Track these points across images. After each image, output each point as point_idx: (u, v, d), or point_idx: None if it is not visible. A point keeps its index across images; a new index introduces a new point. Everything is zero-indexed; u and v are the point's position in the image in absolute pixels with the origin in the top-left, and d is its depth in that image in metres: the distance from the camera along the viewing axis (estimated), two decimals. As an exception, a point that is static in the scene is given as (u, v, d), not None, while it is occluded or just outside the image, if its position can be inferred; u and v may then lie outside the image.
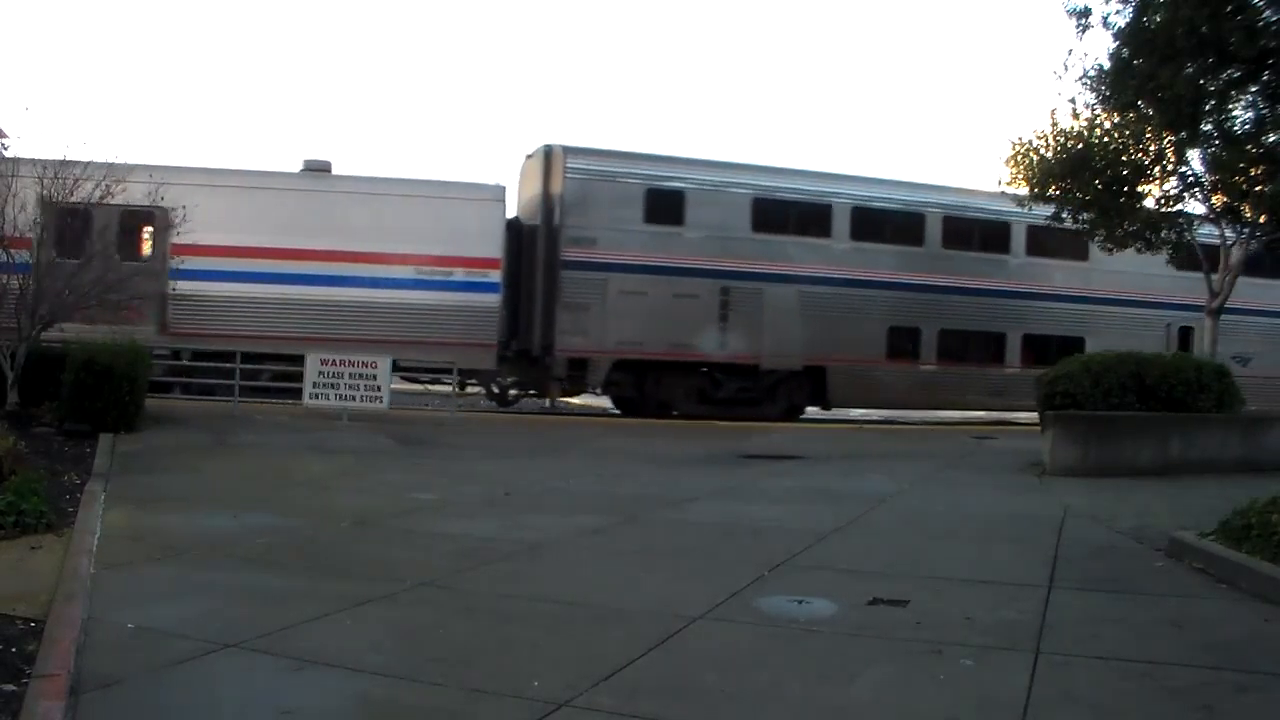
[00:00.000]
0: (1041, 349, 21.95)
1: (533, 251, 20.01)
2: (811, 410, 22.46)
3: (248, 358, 16.57)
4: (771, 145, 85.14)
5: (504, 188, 19.67)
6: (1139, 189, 19.01)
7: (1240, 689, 4.61)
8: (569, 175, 19.46)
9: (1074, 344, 22.11)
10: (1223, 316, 21.50)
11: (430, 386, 20.11)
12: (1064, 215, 19.46)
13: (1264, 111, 13.16)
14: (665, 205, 19.96)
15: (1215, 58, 11.57)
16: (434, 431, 15.47)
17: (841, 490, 10.88)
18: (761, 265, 20.40)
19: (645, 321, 19.60)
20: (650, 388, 19.89)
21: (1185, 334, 23.34)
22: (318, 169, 18.93)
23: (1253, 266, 23.00)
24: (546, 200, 19.74)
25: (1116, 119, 17.73)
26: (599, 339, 19.46)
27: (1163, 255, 21.94)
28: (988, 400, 22.32)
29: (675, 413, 19.82)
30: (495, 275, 18.96)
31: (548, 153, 19.88)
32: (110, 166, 14.17)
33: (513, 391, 21.22)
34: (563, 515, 8.92)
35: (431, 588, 6.19)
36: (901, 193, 22.06)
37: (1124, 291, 22.94)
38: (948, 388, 21.80)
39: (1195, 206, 19.12)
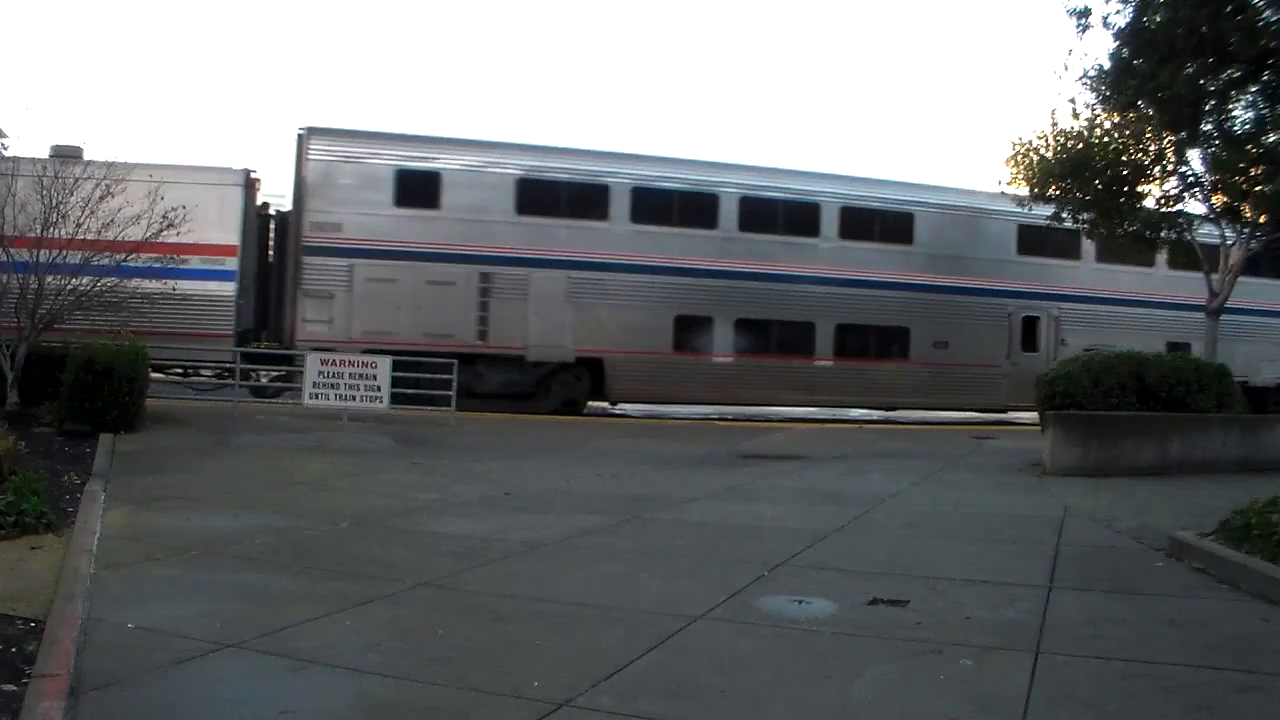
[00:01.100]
0: (858, 340, 21.28)
1: (284, 238, 19.27)
2: (599, 405, 21.63)
3: None
4: (758, 146, 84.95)
5: (248, 172, 18.73)
6: (1139, 189, 19.03)
7: (1240, 689, 4.61)
8: (311, 158, 18.54)
9: (896, 335, 21.51)
10: (1083, 305, 21.63)
11: (188, 378, 19.01)
12: (1064, 215, 19.48)
13: (1264, 111, 13.17)
14: (419, 187, 18.96)
15: (1215, 58, 11.58)
16: (434, 432, 15.47)
17: (841, 490, 10.88)
18: (527, 250, 19.34)
19: (396, 310, 18.60)
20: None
21: (1030, 323, 22.48)
22: (68, 154, 16.68)
23: (1105, 253, 22.43)
24: (296, 185, 18.96)
25: (1116, 119, 17.76)
26: (344, 328, 18.42)
27: (1007, 234, 21.73)
28: (795, 395, 21.24)
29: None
30: (232, 263, 17.91)
31: (299, 135, 18.97)
32: None
33: (274, 384, 19.63)
34: (562, 515, 8.92)
35: (431, 588, 6.19)
36: (692, 172, 20.85)
37: (957, 277, 21.80)
38: (747, 381, 20.48)
39: (1195, 206, 19.13)
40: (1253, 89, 12.59)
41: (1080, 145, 18.71)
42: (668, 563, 7.17)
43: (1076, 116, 18.60)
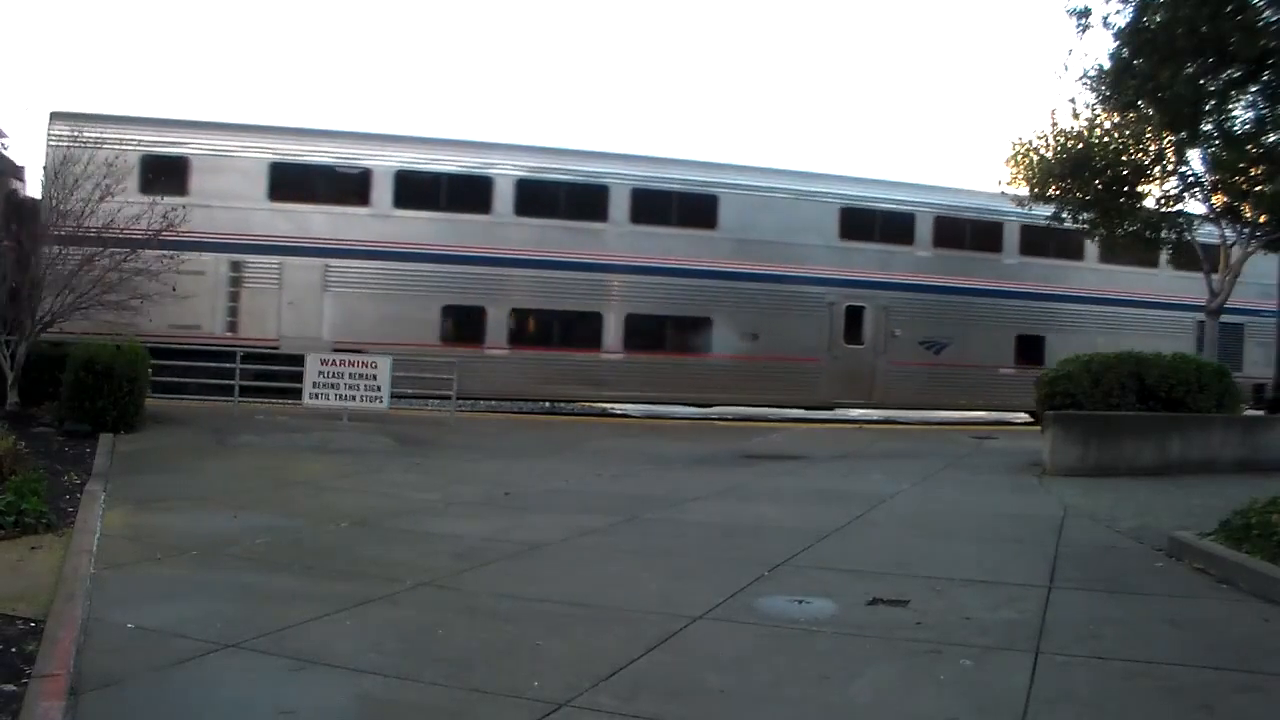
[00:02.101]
0: (652, 331, 20.01)
1: (34, 227, 17.22)
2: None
3: None
4: (753, 146, 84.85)
5: None
6: (1139, 189, 19.05)
7: (1240, 689, 4.61)
8: (51, 143, 16.98)
9: (697, 326, 20.27)
10: (917, 295, 20.86)
11: None
12: (1064, 215, 19.49)
13: (1264, 111, 13.17)
14: (165, 173, 17.72)
15: (1215, 58, 11.58)
16: (434, 431, 15.47)
17: (841, 490, 10.88)
18: (280, 237, 18.30)
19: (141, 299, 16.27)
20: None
21: (855, 314, 21.06)
22: None
23: (944, 239, 21.61)
24: (43, 172, 16.90)
25: (1116, 119, 17.78)
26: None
27: (828, 218, 20.57)
28: (580, 390, 20.07)
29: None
30: None
31: (48, 119, 17.56)
32: None
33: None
34: (563, 515, 8.92)
35: (431, 588, 6.19)
36: (463, 154, 19.67)
37: (766, 265, 20.40)
38: (524, 375, 19.25)
39: (1195, 206, 19.14)
40: (1253, 89, 12.58)
41: (1080, 145, 18.73)
42: (668, 563, 7.17)
43: (1076, 116, 18.64)
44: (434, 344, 18.72)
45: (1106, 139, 18.66)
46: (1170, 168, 18.72)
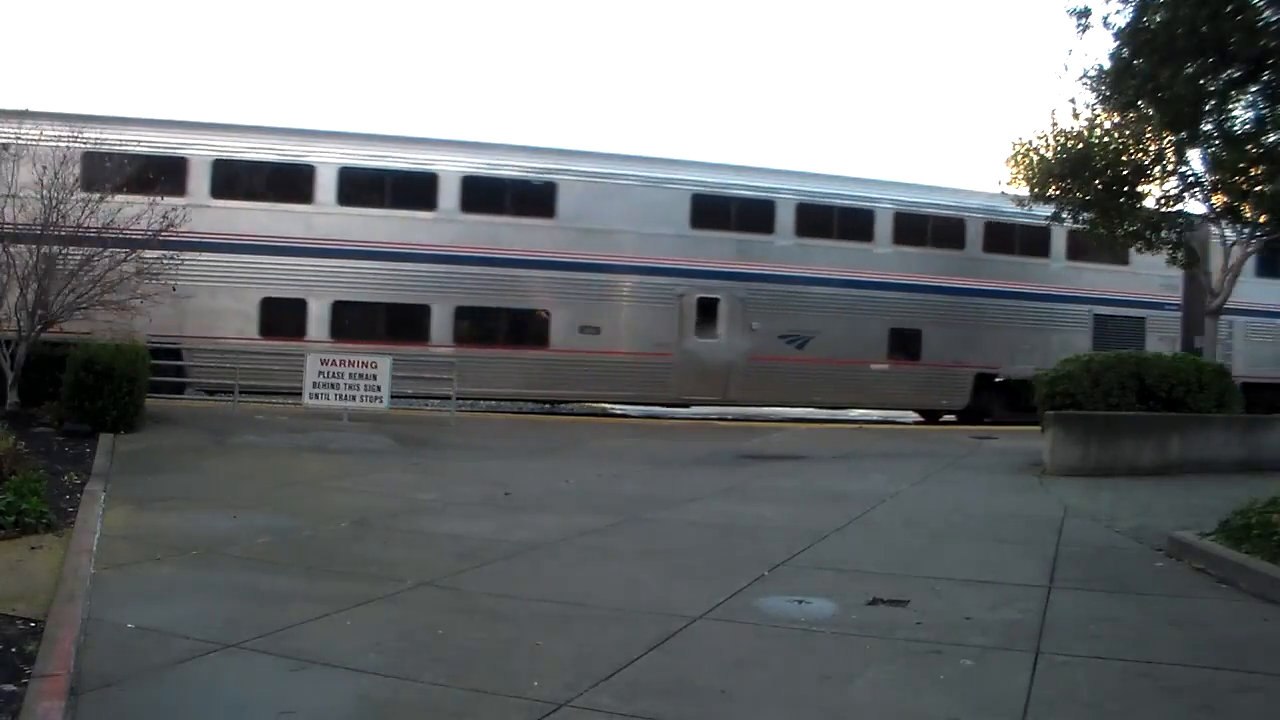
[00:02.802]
0: (484, 324, 19.11)
1: None
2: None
3: None
4: (754, 147, 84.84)
5: None
6: (1139, 189, 19.05)
7: (1240, 689, 4.61)
8: None
9: (532, 319, 19.45)
10: (777, 286, 19.94)
11: None
12: (1064, 215, 19.50)
13: (1264, 111, 13.18)
14: None
15: (1215, 58, 11.58)
16: (434, 431, 15.47)
17: (841, 490, 10.88)
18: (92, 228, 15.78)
19: None
20: None
21: (708, 306, 19.91)
22: None
23: (806, 227, 20.50)
24: None
25: (1116, 119, 17.78)
26: None
27: (678, 206, 19.56)
28: (408, 385, 18.36)
29: None
30: None
31: None
32: None
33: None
34: (563, 515, 8.92)
35: (431, 588, 6.19)
36: (283, 142, 18.46)
37: (608, 254, 19.40)
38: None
39: (1195, 206, 19.14)
40: (1253, 89, 12.59)
41: (1080, 145, 18.74)
42: (668, 562, 7.17)
43: (1076, 116, 18.64)
44: (252, 338, 17.84)
45: (1106, 139, 18.67)
46: (1170, 168, 18.72)
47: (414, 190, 18.90)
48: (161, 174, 16.85)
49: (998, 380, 21.60)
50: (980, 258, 21.72)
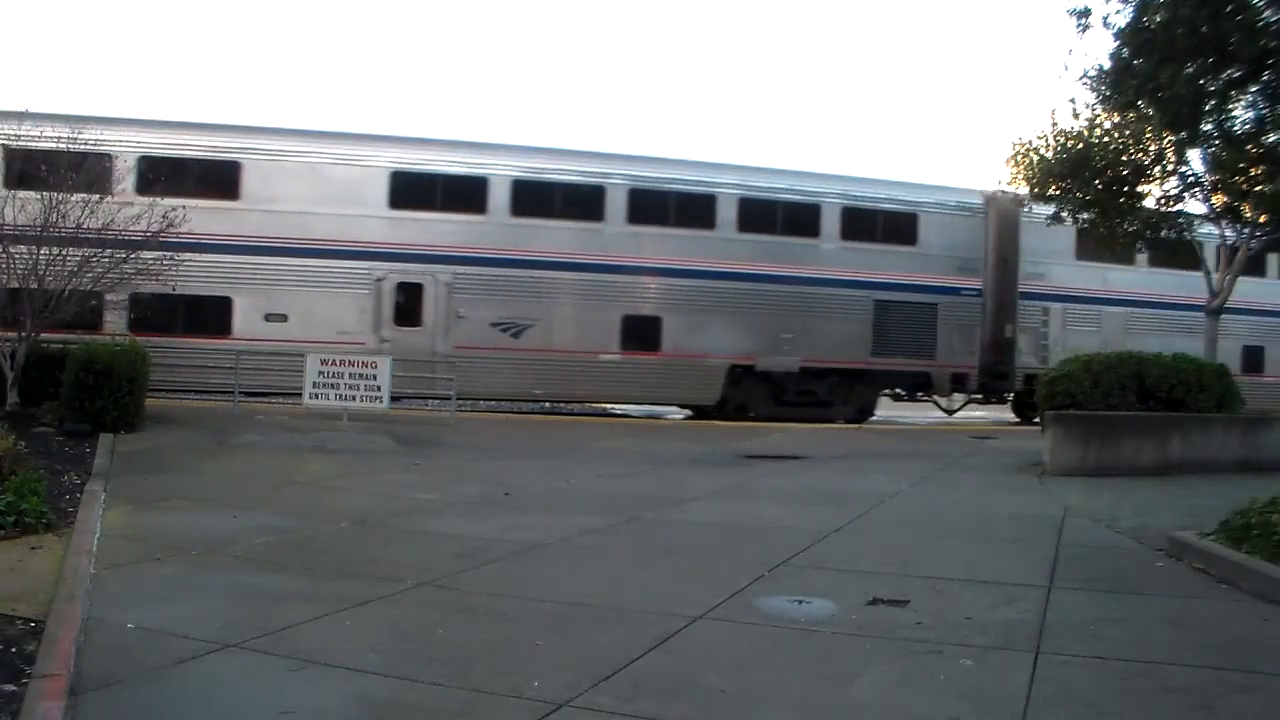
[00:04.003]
0: (159, 313, 16.98)
1: None
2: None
3: None
4: (755, 148, 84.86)
5: None
6: (1139, 189, 19.06)
7: (1240, 689, 4.60)
8: None
9: (213, 307, 17.73)
10: (489, 269, 18.45)
11: None
12: (1064, 214, 19.51)
13: (1264, 111, 13.16)
14: None
15: (1215, 58, 11.57)
16: (434, 431, 15.46)
17: (841, 490, 10.88)
18: None
19: None
20: None
21: (411, 292, 18.51)
22: None
23: (524, 205, 18.87)
24: None
25: (1116, 119, 17.80)
26: None
27: (374, 184, 17.88)
28: None
29: None
30: None
31: None
32: None
33: None
34: (563, 515, 8.92)
35: (431, 588, 6.19)
36: None
37: (294, 237, 17.76)
38: None
39: (1195, 206, 19.15)
40: (1253, 89, 12.58)
41: (1080, 145, 18.77)
42: (668, 562, 7.17)
43: (1076, 116, 18.68)
44: None
45: (1106, 139, 18.70)
46: (1170, 168, 18.75)
47: (91, 172, 15.64)
48: None
49: (757, 372, 20.08)
50: (735, 238, 20.06)
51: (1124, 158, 18.72)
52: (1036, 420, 22.70)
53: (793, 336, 20.18)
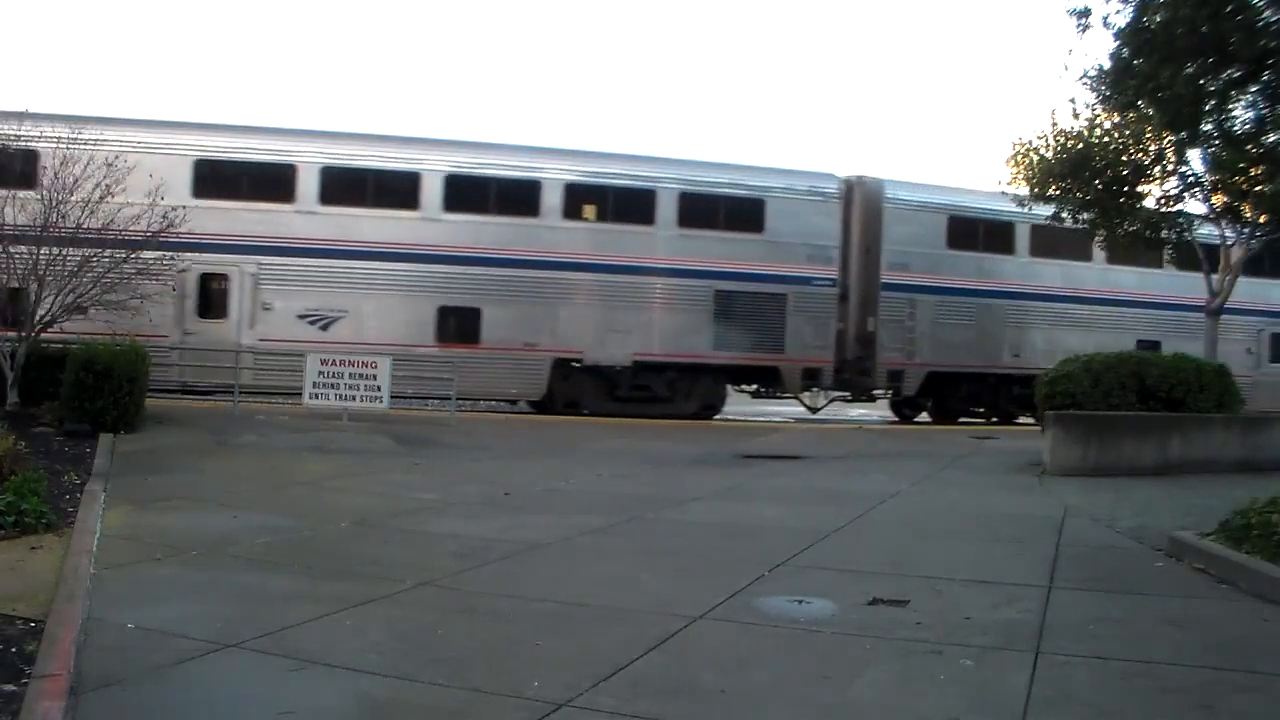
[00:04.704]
0: None
1: None
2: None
3: None
4: (765, 149, 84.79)
5: None
6: (1139, 189, 19.04)
7: (1240, 689, 4.60)
8: None
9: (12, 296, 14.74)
10: (298, 260, 17.76)
11: None
12: (1064, 215, 19.49)
13: (1264, 111, 13.16)
14: None
15: (1215, 58, 11.57)
16: (434, 431, 15.46)
17: (841, 490, 10.87)
18: None
19: None
20: None
21: (215, 283, 17.73)
22: None
23: (337, 195, 18.10)
24: None
25: (1116, 119, 17.77)
26: None
27: (176, 173, 16.50)
28: None
29: None
30: None
31: None
32: None
33: None
34: (563, 515, 8.92)
35: (431, 588, 6.19)
36: None
37: (96, 229, 15.36)
38: None
39: (1195, 206, 19.14)
40: (1253, 89, 12.58)
41: (1080, 145, 18.74)
42: (668, 562, 7.17)
43: (1076, 116, 18.65)
44: None
45: (1106, 139, 18.67)
46: (1170, 168, 18.72)
47: None
48: None
49: (586, 366, 19.35)
50: (560, 226, 19.32)
51: (1124, 158, 18.69)
52: (919, 420, 22.01)
53: (625, 329, 19.39)
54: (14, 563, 6.25)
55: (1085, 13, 13.37)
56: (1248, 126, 13.93)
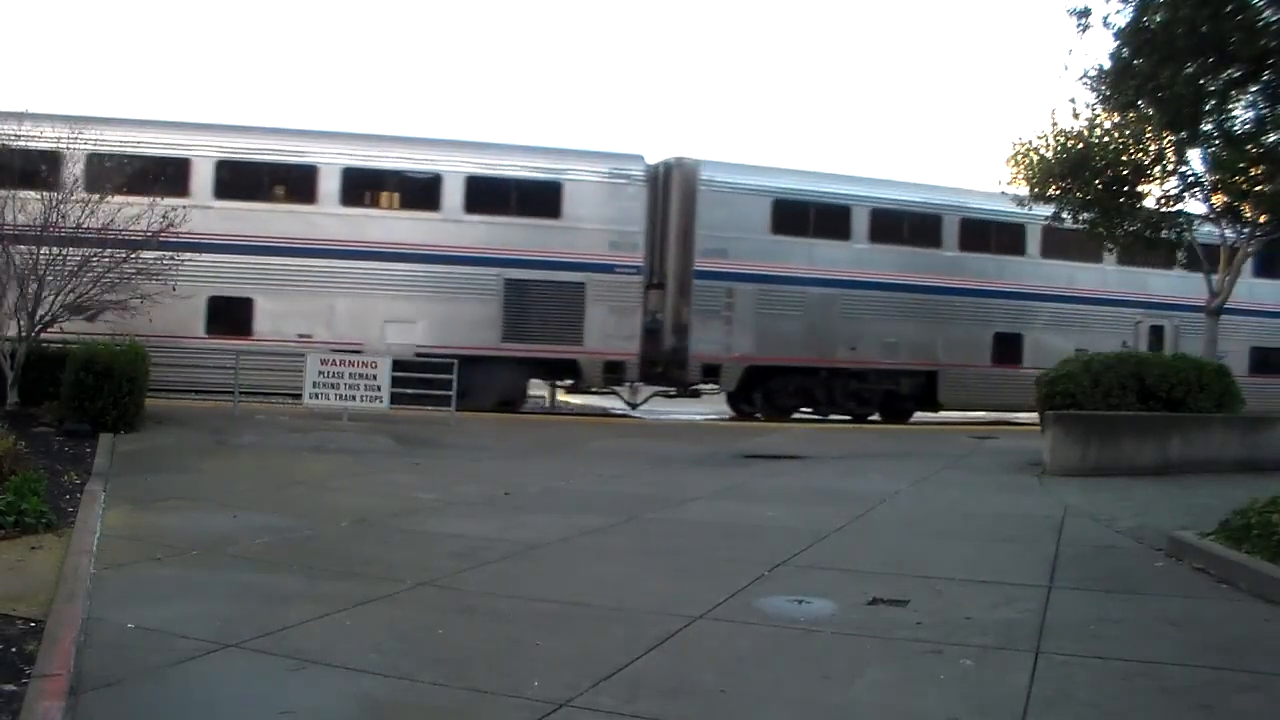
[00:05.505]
0: None
1: None
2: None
3: None
4: (773, 148, 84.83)
5: None
6: (1139, 189, 19.05)
7: (1240, 689, 4.61)
8: None
9: None
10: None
11: None
12: (1064, 215, 19.51)
13: (1264, 111, 13.17)
14: None
15: (1215, 58, 11.57)
16: (434, 431, 15.45)
17: (841, 490, 10.87)
18: None
19: None
20: None
21: None
22: None
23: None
24: None
25: (1116, 119, 17.78)
26: None
27: None
28: None
29: None
30: None
31: None
32: None
33: None
34: (563, 515, 8.92)
35: (431, 588, 6.19)
36: None
37: None
38: None
39: (1195, 206, 19.15)
40: (1253, 89, 12.59)
41: (1080, 145, 18.75)
42: (668, 562, 7.17)
43: (1076, 116, 18.66)
44: None
45: (1106, 139, 18.68)
46: (1170, 168, 18.73)
47: None
48: None
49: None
50: (337, 213, 18.31)
51: (1124, 158, 18.70)
52: (759, 416, 20.21)
53: (409, 319, 18.56)
54: (14, 563, 6.25)
55: (1085, 13, 13.38)
56: (1248, 126, 13.94)
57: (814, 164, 21.40)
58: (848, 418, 21.16)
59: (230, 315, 17.81)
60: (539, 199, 19.09)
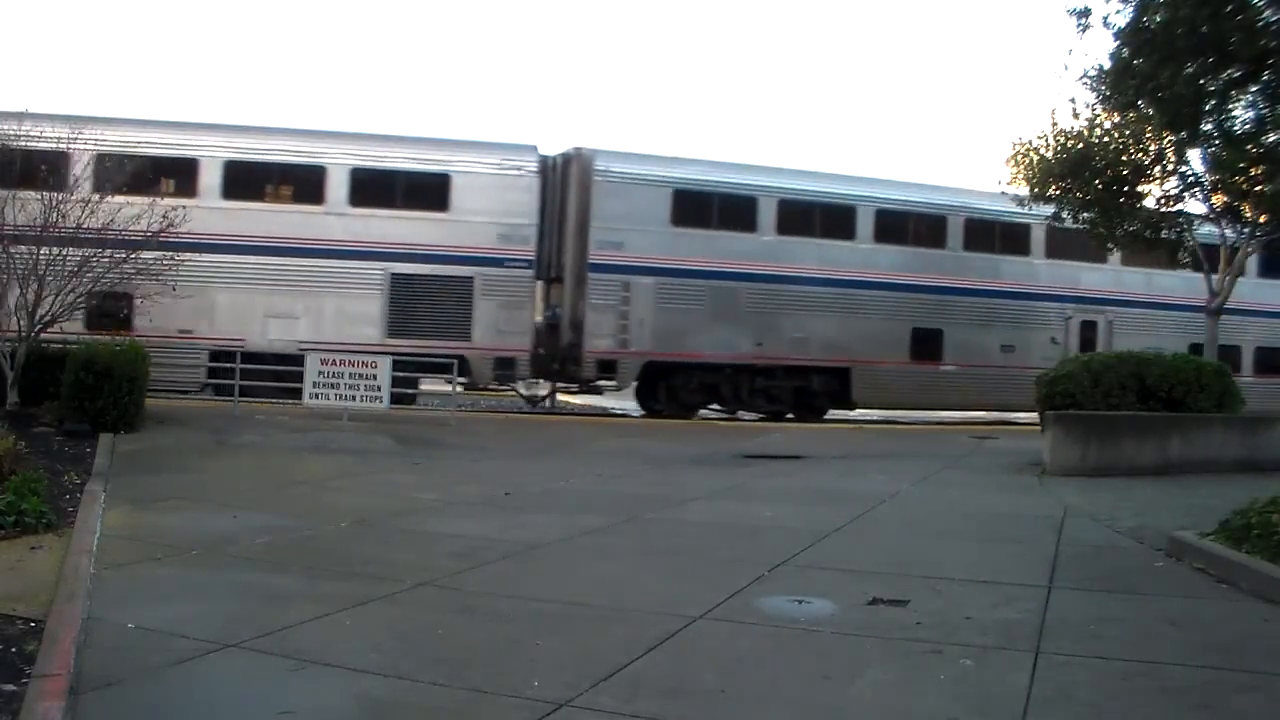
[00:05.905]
0: None
1: None
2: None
3: None
4: (779, 150, 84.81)
5: None
6: (1139, 189, 19.07)
7: (1240, 689, 4.61)
8: None
9: None
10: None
11: None
12: (1064, 215, 19.52)
13: (1264, 111, 13.17)
14: None
15: (1215, 58, 11.58)
16: (434, 431, 15.46)
17: (841, 490, 10.87)
18: None
19: None
20: None
21: None
22: None
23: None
24: None
25: (1116, 119, 17.80)
26: None
27: None
28: None
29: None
30: None
31: None
32: None
33: None
34: (563, 515, 8.92)
35: (431, 588, 6.19)
36: None
37: None
38: None
39: (1195, 206, 19.16)
40: (1253, 89, 12.59)
41: (1080, 145, 18.77)
42: (668, 563, 7.17)
43: (1076, 116, 18.69)
44: None
45: (1106, 139, 18.70)
46: (1170, 168, 18.75)
47: None
48: None
49: (248, 355, 17.20)
50: (218, 206, 17.86)
51: (1124, 158, 18.73)
52: (671, 415, 19.54)
53: (291, 314, 18.19)
54: (14, 563, 6.25)
55: (1085, 13, 13.39)
56: (1248, 126, 13.96)
57: (776, 160, 20.78)
58: (759, 416, 20.51)
59: (111, 312, 17.18)
60: (427, 192, 18.76)
